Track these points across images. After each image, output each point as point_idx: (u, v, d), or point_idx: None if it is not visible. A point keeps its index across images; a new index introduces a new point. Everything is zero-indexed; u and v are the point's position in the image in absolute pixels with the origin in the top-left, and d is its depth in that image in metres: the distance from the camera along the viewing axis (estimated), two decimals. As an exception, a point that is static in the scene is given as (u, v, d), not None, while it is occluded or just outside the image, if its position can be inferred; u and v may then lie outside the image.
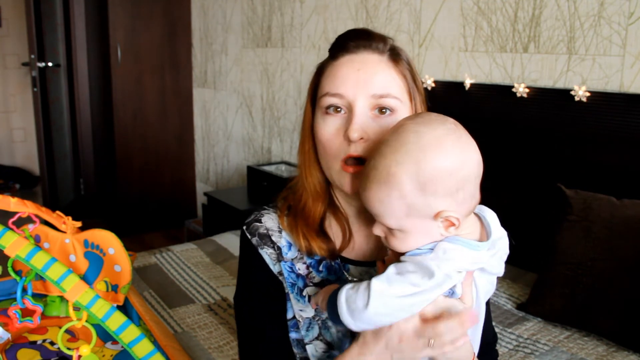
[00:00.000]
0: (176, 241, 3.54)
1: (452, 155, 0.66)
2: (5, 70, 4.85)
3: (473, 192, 0.69)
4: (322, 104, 0.80)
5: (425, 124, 0.68)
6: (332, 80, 0.79)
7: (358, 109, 0.77)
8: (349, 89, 0.77)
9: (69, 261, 1.38)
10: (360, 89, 0.77)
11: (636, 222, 1.46)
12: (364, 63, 0.79)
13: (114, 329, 0.86)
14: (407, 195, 0.66)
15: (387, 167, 0.67)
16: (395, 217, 0.68)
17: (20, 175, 4.94)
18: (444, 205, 0.66)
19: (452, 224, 0.68)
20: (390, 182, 0.66)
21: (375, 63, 0.79)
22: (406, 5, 2.33)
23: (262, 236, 0.88)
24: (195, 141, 4.05)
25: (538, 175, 1.87)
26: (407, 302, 0.67)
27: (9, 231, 0.93)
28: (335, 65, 0.80)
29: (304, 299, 0.85)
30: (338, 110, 0.79)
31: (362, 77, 0.77)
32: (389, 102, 0.78)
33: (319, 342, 0.84)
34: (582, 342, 1.46)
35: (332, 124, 0.79)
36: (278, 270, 0.87)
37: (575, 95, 1.74)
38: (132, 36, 3.65)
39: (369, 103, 0.78)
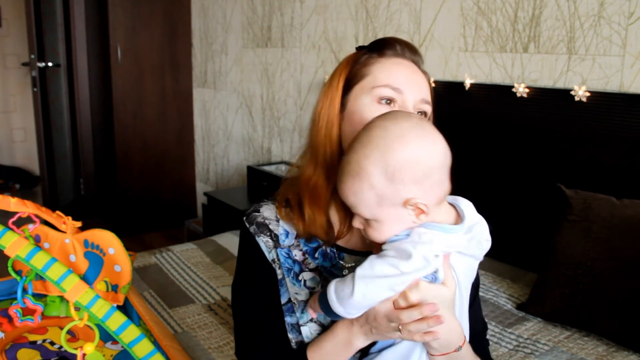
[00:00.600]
0: (176, 241, 3.54)
1: (416, 146, 0.72)
2: (5, 70, 4.85)
3: (440, 179, 0.74)
4: (376, 93, 0.86)
5: (391, 120, 0.75)
6: (389, 74, 0.87)
7: (411, 106, 0.86)
8: (407, 87, 0.86)
9: (69, 261, 1.38)
10: (416, 90, 0.87)
11: (636, 222, 1.46)
12: (414, 68, 0.89)
13: (114, 329, 0.86)
14: (377, 185, 0.72)
15: (357, 160, 0.73)
16: (369, 208, 0.74)
17: (20, 175, 4.94)
18: (412, 193, 0.72)
19: (421, 211, 0.73)
20: (360, 174, 0.73)
21: (420, 73, 0.90)
22: (406, 5, 2.33)
23: (259, 225, 0.93)
24: (195, 141, 4.05)
25: (538, 175, 1.87)
26: (388, 282, 0.72)
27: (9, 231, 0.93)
28: (386, 63, 0.88)
29: (299, 282, 0.90)
30: (389, 102, 0.86)
31: (417, 81, 0.88)
32: (427, 107, 0.89)
33: (313, 324, 0.88)
34: (582, 342, 1.46)
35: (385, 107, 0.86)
36: (272, 258, 0.91)
37: (575, 95, 1.74)
38: (132, 36, 3.65)
39: (417, 104, 0.87)
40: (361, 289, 0.72)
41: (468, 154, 2.08)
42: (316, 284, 0.89)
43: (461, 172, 2.36)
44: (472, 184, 2.04)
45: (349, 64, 0.91)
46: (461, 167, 2.40)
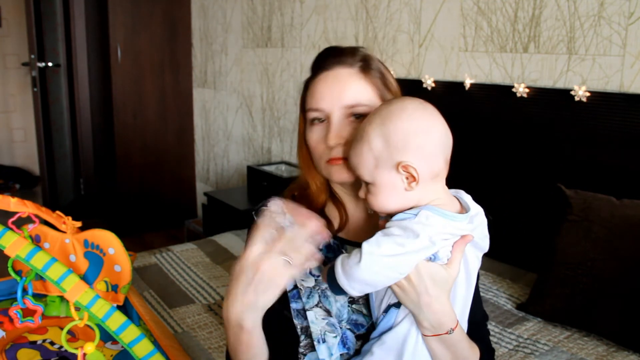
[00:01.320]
0: (176, 241, 3.54)
1: (414, 118, 0.79)
2: (5, 70, 4.85)
3: (434, 153, 0.79)
4: (307, 117, 0.94)
5: (396, 100, 0.83)
6: (312, 96, 0.93)
7: (334, 119, 0.90)
8: (325, 104, 0.90)
9: (69, 261, 1.38)
10: (334, 102, 0.90)
11: (636, 222, 1.46)
12: (336, 78, 0.91)
13: (114, 329, 0.86)
14: (374, 147, 0.79)
15: (362, 127, 0.82)
16: (368, 169, 0.80)
17: (20, 175, 4.94)
18: (404, 158, 0.77)
19: (413, 179, 0.77)
20: (363, 137, 0.81)
21: (346, 77, 0.91)
22: (406, 5, 2.33)
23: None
24: (195, 141, 4.05)
25: (538, 175, 1.87)
26: (394, 260, 0.74)
27: (9, 231, 0.93)
28: (314, 83, 0.93)
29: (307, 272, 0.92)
30: (321, 120, 0.91)
31: (335, 92, 0.90)
32: (360, 109, 0.90)
33: (319, 309, 0.89)
34: (582, 342, 1.46)
35: (317, 133, 0.92)
36: None
37: (575, 95, 1.74)
38: (132, 36, 3.65)
39: (343, 113, 0.90)
40: (368, 265, 0.74)
41: (468, 154, 2.08)
42: (320, 272, 0.91)
43: (461, 172, 2.35)
44: (472, 183, 2.04)
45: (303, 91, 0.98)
46: (461, 167, 2.40)
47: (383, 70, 0.94)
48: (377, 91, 0.92)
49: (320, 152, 0.92)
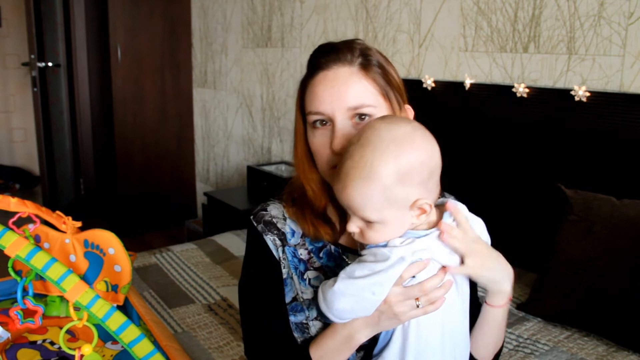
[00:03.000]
0: (176, 241, 3.54)
1: (423, 148, 0.76)
2: (5, 70, 4.85)
3: (437, 180, 0.79)
4: (309, 120, 0.89)
5: (394, 123, 0.77)
6: (312, 99, 0.87)
7: (338, 122, 0.85)
8: (327, 107, 0.85)
9: (69, 261, 1.38)
10: (336, 104, 0.85)
11: (636, 222, 1.46)
12: (337, 79, 0.86)
13: (114, 329, 0.86)
14: (389, 187, 0.74)
15: (369, 163, 0.74)
16: (377, 210, 0.75)
17: (20, 175, 4.94)
18: (418, 194, 0.75)
19: (424, 212, 0.76)
20: (372, 177, 0.74)
21: (346, 77, 0.86)
22: (406, 5, 2.33)
23: (267, 223, 0.94)
24: (195, 141, 4.05)
25: (538, 175, 1.87)
26: (365, 282, 0.75)
27: (9, 231, 0.93)
28: (313, 84, 0.88)
29: (304, 281, 0.92)
30: (324, 123, 0.87)
31: (336, 94, 0.85)
32: (365, 110, 0.85)
33: (318, 322, 0.89)
34: (582, 342, 1.46)
35: (320, 137, 0.87)
36: (279, 256, 0.93)
37: (575, 95, 1.74)
38: (132, 36, 3.65)
39: (347, 115, 0.85)
40: (340, 287, 0.77)
41: (468, 154, 2.08)
42: (320, 282, 0.90)
43: (461, 172, 2.35)
44: (472, 183, 2.05)
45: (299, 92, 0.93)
46: (461, 167, 2.40)
47: (383, 63, 0.89)
48: (380, 89, 0.87)
49: (326, 158, 0.87)
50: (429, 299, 0.77)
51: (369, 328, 0.81)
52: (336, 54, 0.87)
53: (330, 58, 0.87)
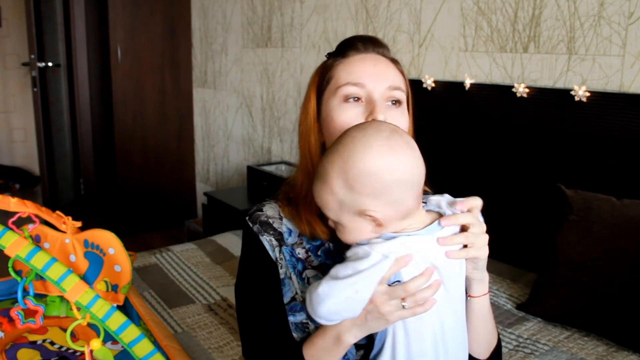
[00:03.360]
0: (176, 241, 3.54)
1: (379, 159, 0.73)
2: (5, 70, 4.85)
3: (402, 197, 0.75)
4: (341, 93, 0.87)
5: (363, 130, 0.76)
6: (350, 72, 0.88)
7: (378, 96, 0.86)
8: (369, 80, 0.86)
9: (69, 261, 1.38)
10: (379, 80, 0.86)
11: (636, 222, 1.46)
12: (378, 60, 0.89)
13: (114, 329, 0.86)
14: (336, 191, 0.75)
15: (324, 165, 0.77)
16: (332, 211, 0.78)
17: (20, 175, 4.93)
18: (368, 205, 0.74)
19: (379, 223, 0.75)
20: (324, 179, 0.76)
21: (386, 62, 0.90)
22: (406, 5, 2.33)
23: (262, 223, 0.94)
24: (195, 141, 4.05)
25: (538, 175, 1.87)
26: (350, 281, 0.74)
27: (9, 231, 0.93)
28: (348, 62, 0.89)
29: (303, 281, 0.91)
30: (357, 99, 0.86)
31: (379, 71, 0.87)
32: (399, 94, 0.88)
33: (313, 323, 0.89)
34: (582, 342, 1.46)
35: (353, 111, 0.86)
36: (276, 256, 0.92)
37: (575, 95, 1.74)
38: (132, 36, 3.65)
39: (385, 94, 0.87)
40: (325, 289, 0.75)
41: (468, 154, 2.08)
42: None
43: (461, 172, 2.35)
44: (472, 183, 2.04)
45: (318, 73, 0.93)
46: (461, 167, 2.40)
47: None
48: (406, 82, 0.91)
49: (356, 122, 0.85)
50: (416, 300, 0.75)
51: (356, 328, 0.80)
52: (375, 44, 0.91)
53: (369, 45, 0.90)
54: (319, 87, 0.92)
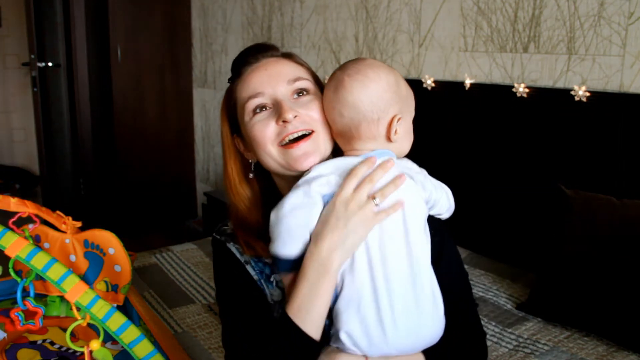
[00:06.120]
0: (176, 241, 3.54)
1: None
2: (5, 70, 4.85)
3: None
4: (247, 109, 0.90)
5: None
6: (248, 87, 0.91)
7: (282, 96, 0.89)
8: (266, 86, 0.89)
9: (69, 261, 1.38)
10: (275, 81, 0.90)
11: (636, 223, 1.46)
12: (268, 64, 0.92)
13: (114, 330, 0.86)
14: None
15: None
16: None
17: (20, 175, 4.93)
18: None
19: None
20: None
21: (276, 61, 0.93)
22: (406, 5, 2.33)
23: (228, 235, 0.98)
24: (195, 141, 4.05)
25: (538, 175, 1.87)
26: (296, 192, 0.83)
27: (9, 231, 0.93)
28: (244, 79, 0.93)
29: (271, 284, 0.92)
30: (263, 109, 0.90)
31: (272, 73, 0.91)
32: (302, 83, 0.91)
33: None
34: (582, 342, 1.46)
35: (263, 120, 0.89)
36: (245, 260, 0.94)
37: (575, 95, 1.74)
38: (132, 36, 3.65)
39: (287, 90, 0.90)
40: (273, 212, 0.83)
41: (468, 154, 2.08)
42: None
43: (461, 171, 2.35)
44: (472, 183, 2.04)
45: (225, 99, 0.98)
46: (461, 167, 2.39)
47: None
48: (308, 70, 0.94)
49: (270, 135, 0.88)
50: (384, 194, 0.79)
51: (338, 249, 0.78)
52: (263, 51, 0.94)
53: (257, 55, 0.93)
54: (229, 112, 0.96)
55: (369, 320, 0.78)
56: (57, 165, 4.13)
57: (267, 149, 0.89)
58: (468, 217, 1.94)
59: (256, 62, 0.93)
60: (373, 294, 0.78)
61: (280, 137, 0.87)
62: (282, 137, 0.87)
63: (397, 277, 0.79)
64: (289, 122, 0.86)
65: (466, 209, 0.99)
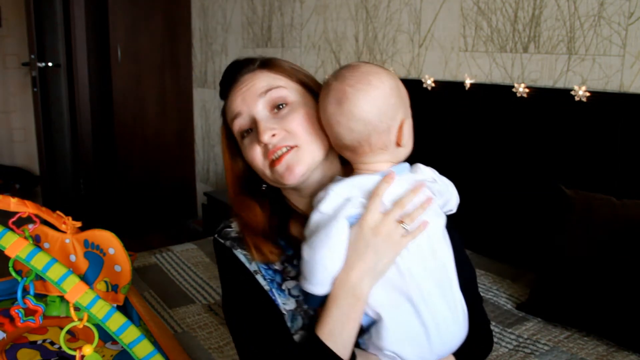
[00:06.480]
0: (176, 241, 3.53)
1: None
2: (5, 70, 4.85)
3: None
4: (234, 131, 0.91)
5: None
6: (229, 108, 0.91)
7: (257, 114, 0.87)
8: (241, 105, 0.88)
9: (69, 261, 1.38)
10: (249, 98, 0.88)
11: (636, 222, 1.46)
12: (243, 82, 0.90)
13: (114, 330, 0.86)
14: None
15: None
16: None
17: (20, 175, 4.93)
18: None
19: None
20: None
21: (250, 77, 0.90)
22: (406, 5, 2.33)
23: (234, 239, 0.93)
24: (195, 141, 4.05)
25: (538, 175, 1.87)
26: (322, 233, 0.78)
27: (9, 232, 0.93)
28: (228, 100, 0.92)
29: (283, 292, 0.89)
30: (248, 132, 0.89)
31: (246, 91, 0.89)
32: (277, 92, 0.88)
33: (304, 332, 0.86)
34: (582, 342, 1.46)
35: (250, 145, 0.88)
36: (254, 269, 0.90)
37: (575, 95, 1.74)
38: (132, 36, 3.65)
39: (262, 105, 0.88)
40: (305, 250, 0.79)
41: (468, 154, 2.08)
42: (300, 290, 0.87)
43: (461, 172, 2.35)
44: (472, 184, 2.04)
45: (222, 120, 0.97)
46: (461, 167, 2.39)
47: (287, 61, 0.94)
48: (286, 74, 0.91)
49: (260, 159, 0.88)
50: (412, 218, 0.78)
51: (368, 275, 0.78)
52: (238, 68, 0.92)
53: (235, 74, 0.91)
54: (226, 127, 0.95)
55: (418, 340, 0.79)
56: (57, 165, 4.13)
57: (261, 170, 0.89)
58: (468, 217, 1.93)
59: (235, 82, 0.91)
60: (415, 312, 0.78)
61: (267, 159, 0.87)
62: (269, 158, 0.87)
63: (431, 289, 0.79)
64: (268, 143, 0.85)
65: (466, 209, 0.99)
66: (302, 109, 0.88)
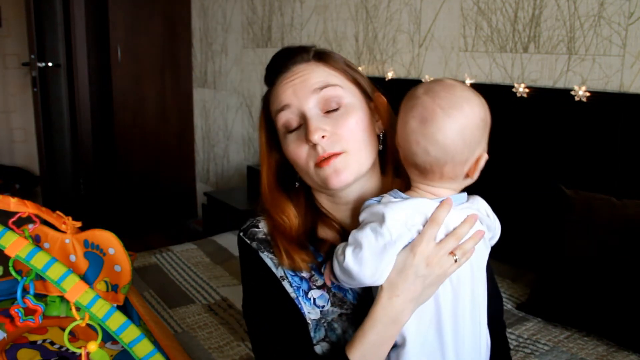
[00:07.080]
0: (176, 241, 3.53)
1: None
2: (5, 70, 4.85)
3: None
4: (278, 123, 0.86)
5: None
6: (276, 99, 0.85)
7: (308, 111, 0.82)
8: (292, 97, 0.83)
9: (69, 261, 1.38)
10: (300, 92, 0.83)
11: (636, 222, 1.46)
12: (295, 73, 0.84)
13: (114, 329, 0.86)
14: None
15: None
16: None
17: (20, 175, 4.93)
18: None
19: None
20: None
21: (304, 68, 0.85)
22: (406, 5, 2.33)
23: (261, 241, 0.89)
24: (195, 141, 4.05)
25: (538, 175, 1.87)
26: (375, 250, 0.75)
27: (9, 231, 0.93)
28: (274, 89, 0.87)
29: (309, 301, 0.85)
30: (295, 126, 0.84)
31: (298, 83, 0.83)
32: (333, 91, 0.83)
33: (325, 343, 0.84)
34: (582, 342, 1.46)
35: (296, 141, 0.83)
36: (280, 275, 0.87)
37: (575, 95, 1.74)
38: (132, 36, 3.65)
39: (315, 102, 0.82)
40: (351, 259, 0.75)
41: (468, 154, 2.08)
42: (325, 301, 0.85)
43: (461, 172, 2.30)
44: (472, 183, 2.04)
45: (262, 108, 0.93)
46: (461, 167, 2.34)
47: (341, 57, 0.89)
48: (342, 71, 0.86)
49: (305, 158, 0.83)
50: (464, 251, 0.76)
51: (412, 303, 0.75)
52: (290, 57, 0.86)
53: (285, 61, 0.86)
54: (266, 120, 0.91)
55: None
56: (57, 165, 4.13)
57: (304, 169, 0.85)
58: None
59: (285, 71, 0.85)
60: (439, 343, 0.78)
61: (313, 159, 0.82)
62: (315, 159, 0.82)
63: (466, 323, 0.79)
64: (317, 144, 0.80)
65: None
66: (355, 113, 0.83)
